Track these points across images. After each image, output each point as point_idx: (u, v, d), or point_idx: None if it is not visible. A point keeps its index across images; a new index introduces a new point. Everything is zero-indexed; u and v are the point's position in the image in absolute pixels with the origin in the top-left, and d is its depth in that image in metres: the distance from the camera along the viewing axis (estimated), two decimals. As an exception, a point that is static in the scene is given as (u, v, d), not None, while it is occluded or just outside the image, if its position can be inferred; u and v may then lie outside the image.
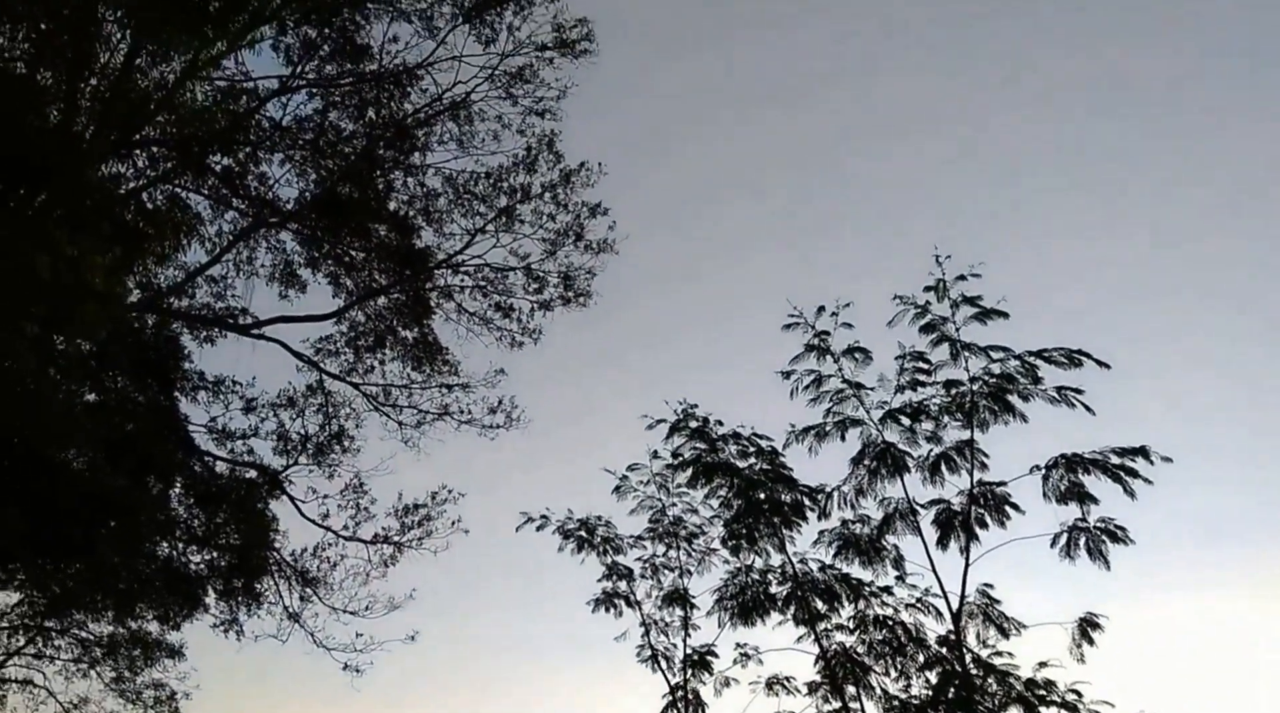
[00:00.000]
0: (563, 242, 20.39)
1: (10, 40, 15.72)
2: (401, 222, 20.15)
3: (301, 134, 18.69)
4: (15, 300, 9.63)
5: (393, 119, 18.99)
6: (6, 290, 9.50)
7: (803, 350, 11.85)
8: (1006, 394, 10.62)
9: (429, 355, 21.13)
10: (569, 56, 19.55)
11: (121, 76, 16.04)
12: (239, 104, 18.32)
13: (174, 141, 17.49)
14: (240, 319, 19.77)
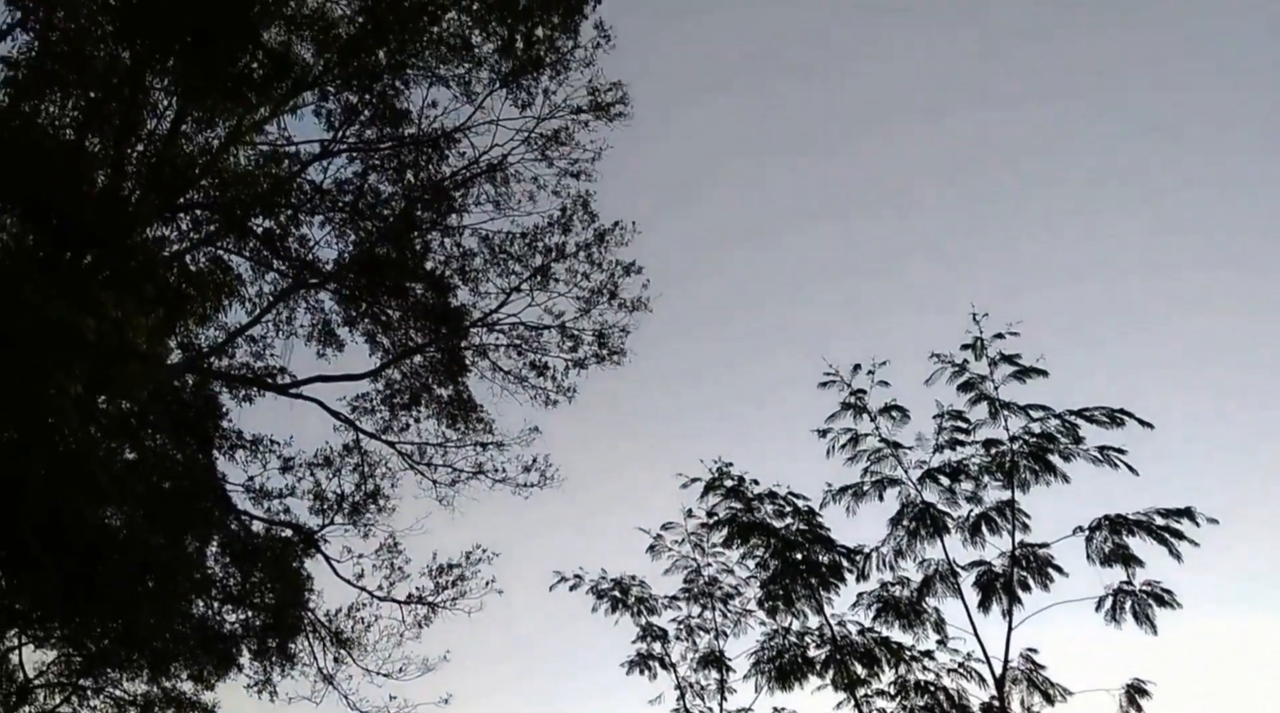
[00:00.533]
0: (597, 300, 20.52)
1: (60, 109, 16.19)
2: (438, 281, 20.38)
3: (341, 196, 19.04)
4: (61, 361, 9.78)
5: (431, 181, 19.30)
6: (52, 352, 9.66)
7: (839, 409, 11.77)
8: (1047, 454, 10.46)
9: (464, 413, 21.21)
10: (604, 119, 19.87)
11: (167, 143, 16.45)
12: (281, 168, 18.73)
13: (217, 205, 17.85)
14: (279, 378, 19.98)
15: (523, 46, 19.70)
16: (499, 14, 19.57)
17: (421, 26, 19.55)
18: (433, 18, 19.63)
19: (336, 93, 19.11)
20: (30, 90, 15.89)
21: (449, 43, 19.81)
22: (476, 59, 19.78)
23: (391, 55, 19.56)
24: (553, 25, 19.64)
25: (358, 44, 19.30)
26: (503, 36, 19.74)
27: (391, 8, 19.13)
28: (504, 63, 19.80)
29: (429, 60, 19.80)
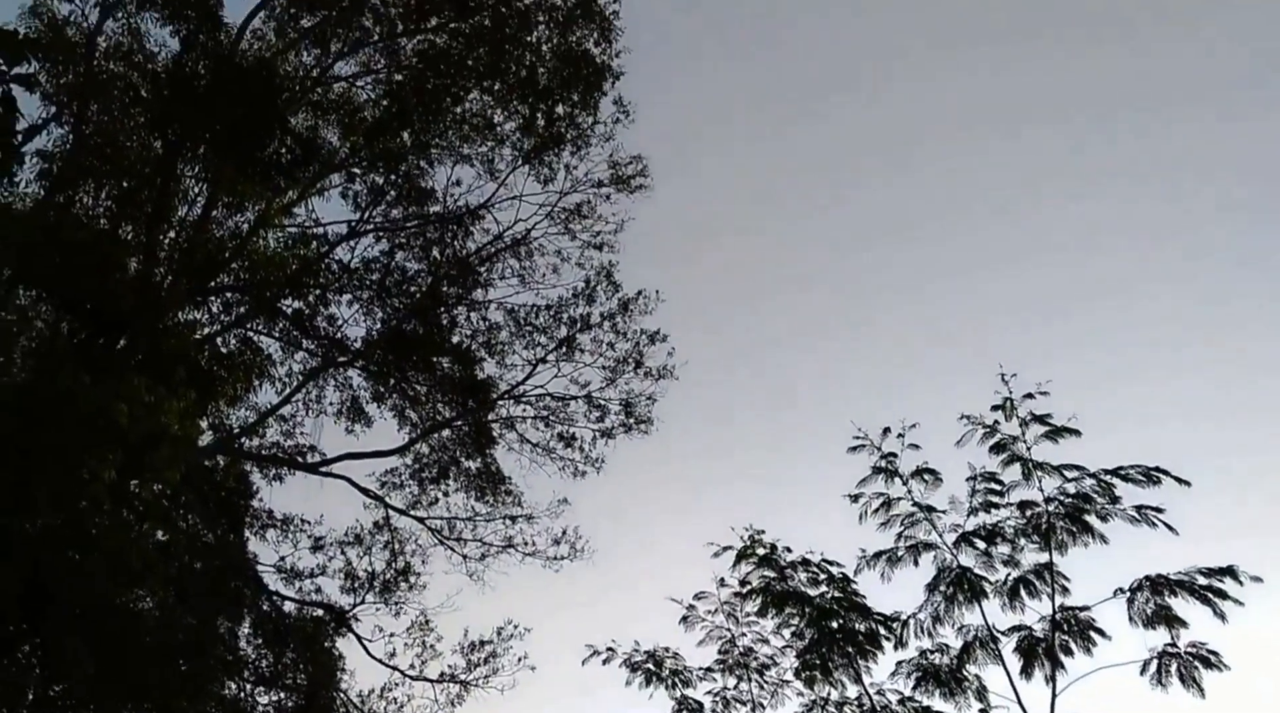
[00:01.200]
0: (623, 369, 20.59)
1: (94, 199, 16.61)
2: (464, 354, 20.53)
3: (369, 275, 19.32)
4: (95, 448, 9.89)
5: (456, 258, 19.58)
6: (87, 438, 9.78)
7: (870, 473, 11.64)
8: (1084, 515, 10.28)
9: (492, 486, 21.19)
10: (625, 192, 20.16)
11: (198, 228, 16.80)
12: (309, 249, 19.07)
13: (247, 287, 18.15)
14: (308, 457, 20.08)
15: (544, 124, 20.10)
16: (520, 93, 20.00)
17: (444, 107, 20.00)
18: (455, 98, 20.09)
19: (363, 174, 19.54)
20: (65, 182, 16.33)
21: (471, 122, 20.26)
22: (499, 137, 20.20)
23: (416, 136, 19.99)
24: (573, 103, 20.03)
25: (382, 126, 19.75)
26: (524, 114, 20.15)
27: (415, 90, 19.60)
28: (526, 140, 20.20)
29: (452, 140, 20.24)
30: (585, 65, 19.95)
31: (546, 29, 20.06)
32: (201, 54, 17.06)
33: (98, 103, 16.71)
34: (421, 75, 19.70)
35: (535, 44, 20.04)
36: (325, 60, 19.57)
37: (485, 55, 19.82)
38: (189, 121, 16.35)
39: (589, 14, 19.84)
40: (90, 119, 16.54)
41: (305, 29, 19.36)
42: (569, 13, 19.92)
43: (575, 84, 19.96)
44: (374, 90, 20.18)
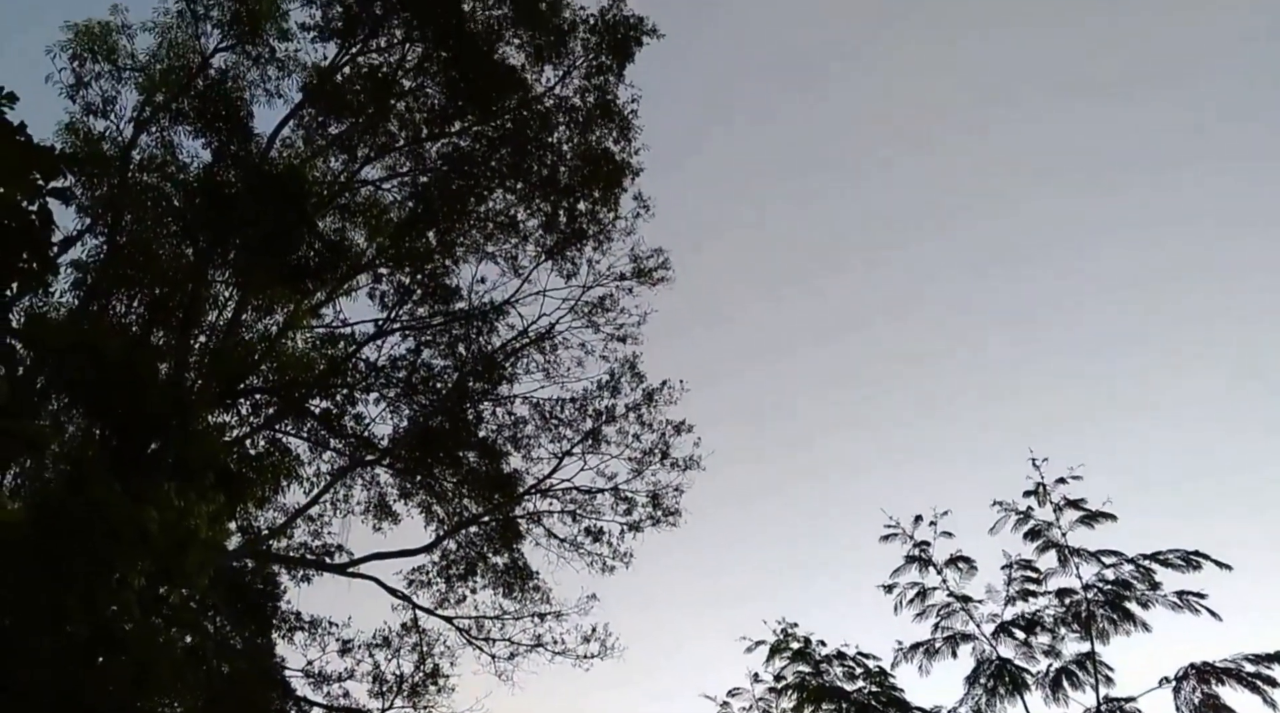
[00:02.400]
0: (649, 461, 20.54)
1: (127, 307, 16.96)
2: (491, 448, 20.56)
3: (395, 373, 19.50)
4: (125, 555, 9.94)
5: (481, 353, 19.76)
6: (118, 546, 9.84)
7: (903, 562, 11.49)
8: (1124, 602, 10.07)
9: (520, 581, 20.99)
10: (647, 284, 20.38)
11: (228, 332, 17.07)
12: (337, 349, 19.31)
13: (276, 388, 18.35)
14: (336, 557, 20.02)
15: (566, 220, 20.47)
16: (542, 191, 20.42)
17: (469, 207, 20.42)
18: (479, 198, 20.52)
19: (389, 274, 19.88)
20: (99, 291, 16.70)
21: (495, 220, 20.66)
22: (522, 234, 20.57)
23: (441, 235, 20.38)
24: (594, 199, 20.42)
25: (408, 226, 20.17)
26: (546, 212, 20.54)
27: (440, 191, 20.05)
28: (548, 236, 20.55)
29: (477, 238, 20.62)
30: (605, 163, 20.37)
31: (567, 129, 20.56)
32: (232, 163, 17.56)
33: (131, 213, 17.18)
34: (446, 177, 20.17)
35: (556, 143, 20.52)
36: (352, 165, 20.09)
37: (508, 156, 20.30)
38: (220, 229, 16.75)
39: (608, 114, 20.33)
40: (124, 229, 16.99)
41: (333, 136, 19.93)
42: (589, 113, 20.42)
43: (596, 181, 20.36)
44: (400, 192, 20.65)
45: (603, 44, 20.09)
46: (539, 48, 20.09)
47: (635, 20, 20.00)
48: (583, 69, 20.39)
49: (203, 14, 17.62)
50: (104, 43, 16.96)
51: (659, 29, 20.09)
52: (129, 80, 17.36)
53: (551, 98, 20.47)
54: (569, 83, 20.46)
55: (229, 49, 18.12)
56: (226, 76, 18.13)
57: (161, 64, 17.64)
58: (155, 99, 17.40)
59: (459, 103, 20.01)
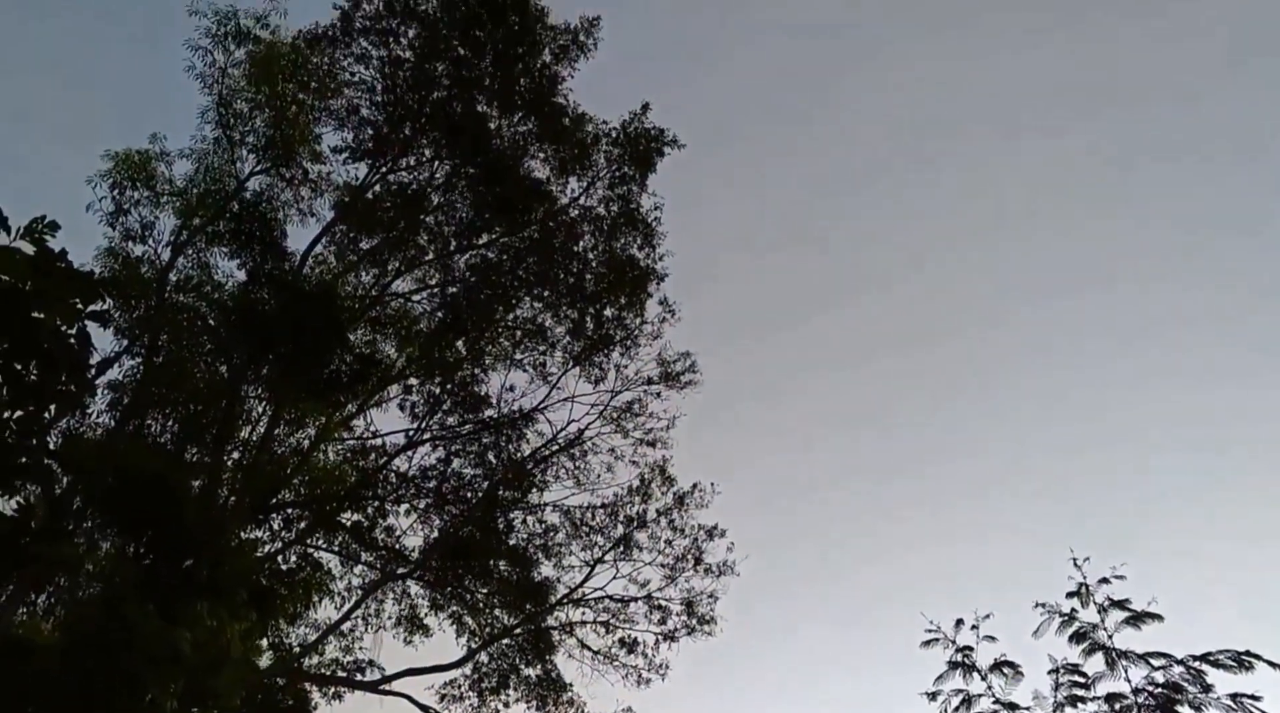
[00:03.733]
0: (682, 567, 20.35)
1: (162, 425, 17.24)
2: (521, 557, 20.45)
3: (426, 483, 19.58)
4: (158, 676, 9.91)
5: (511, 461, 19.82)
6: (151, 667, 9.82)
7: (946, 668, 11.23)
8: (1176, 706, 9.76)
9: (554, 694, 20.61)
10: (675, 388, 20.50)
11: (261, 447, 17.26)
12: (368, 460, 19.44)
13: (307, 502, 18.45)
14: (367, 673, 19.79)
15: (593, 326, 20.73)
16: (569, 298, 20.75)
17: (497, 316, 20.77)
18: (508, 306, 20.88)
19: (420, 385, 20.12)
20: (135, 410, 17.00)
21: (524, 328, 20.97)
22: (550, 341, 20.83)
23: (470, 344, 20.69)
24: (620, 305, 20.71)
25: (438, 337, 20.50)
26: (573, 319, 20.83)
27: (469, 301, 20.43)
28: (576, 342, 20.79)
29: (505, 346, 20.91)
30: (631, 269, 20.74)
31: (592, 237, 21.00)
32: (266, 281, 18.01)
33: (167, 334, 17.60)
34: (474, 287, 20.57)
35: (582, 252, 20.94)
36: (383, 279, 20.54)
37: (535, 265, 20.72)
38: (254, 346, 17.10)
39: (632, 222, 20.78)
40: (160, 349, 17.38)
41: (364, 251, 20.45)
42: (613, 221, 20.88)
43: (622, 287, 20.69)
44: (429, 303, 21.05)
45: (625, 155, 20.65)
46: (563, 161, 20.66)
47: (657, 132, 20.58)
48: (606, 179, 20.92)
49: (239, 140, 18.31)
50: (143, 170, 17.63)
51: (680, 139, 20.66)
52: (167, 205, 18.00)
53: (576, 208, 20.98)
54: (593, 193, 20.99)
55: (264, 172, 18.76)
56: (261, 198, 18.75)
57: (198, 188, 18.28)
58: (192, 223, 17.98)
59: (486, 215, 20.51)
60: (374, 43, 19.30)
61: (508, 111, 20.21)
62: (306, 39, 18.88)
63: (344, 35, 19.13)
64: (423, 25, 19.35)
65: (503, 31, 19.52)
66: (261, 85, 18.19)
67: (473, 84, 19.65)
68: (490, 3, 19.13)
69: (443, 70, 19.66)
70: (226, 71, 18.08)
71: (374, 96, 19.55)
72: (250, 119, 18.37)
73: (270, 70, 18.13)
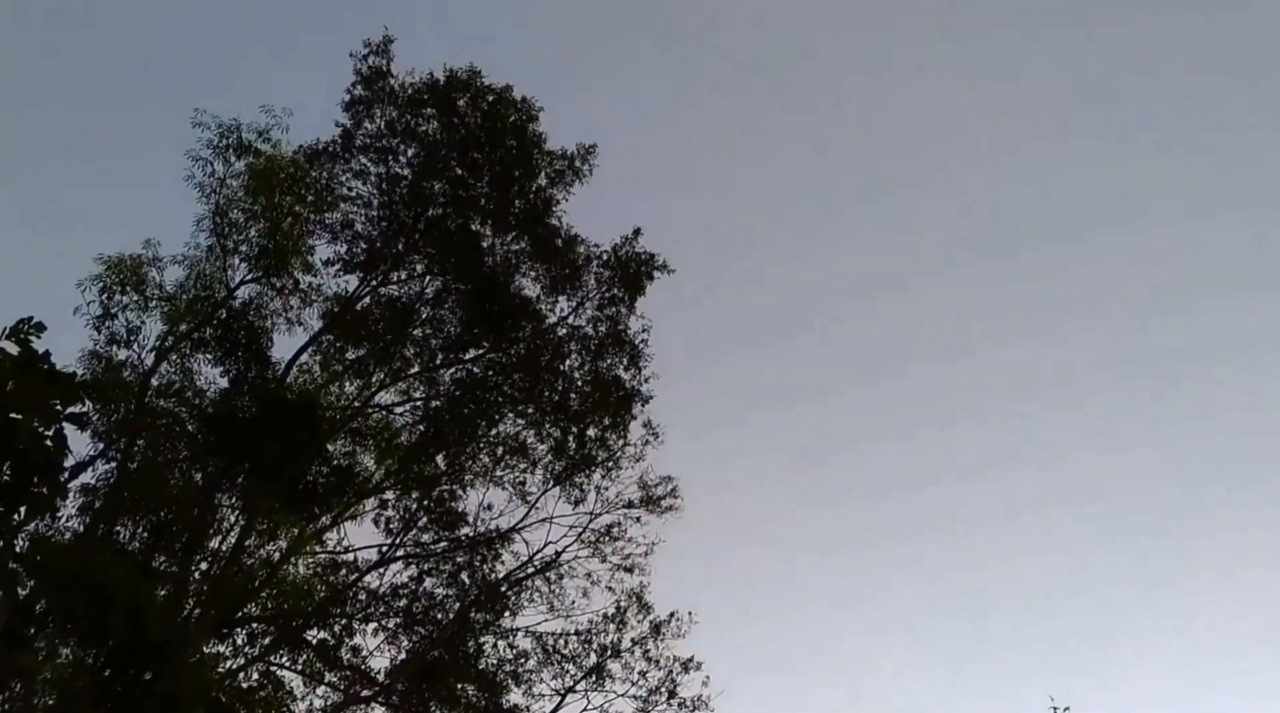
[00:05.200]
0: (656, 700, 20.14)
1: (132, 532, 17.32)
2: (491, 682, 20.23)
3: (396, 602, 19.52)
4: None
5: (485, 583, 19.83)
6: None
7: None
8: None
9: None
10: (656, 513, 20.66)
11: (231, 559, 17.32)
12: (338, 576, 19.43)
13: (274, 617, 18.38)
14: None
15: (575, 446, 20.99)
16: (553, 416, 21.08)
17: (479, 432, 21.04)
18: (490, 422, 21.17)
19: (397, 499, 20.23)
20: (106, 515, 17.09)
21: (506, 445, 21.21)
22: (532, 460, 21.04)
23: (450, 460, 20.89)
24: (604, 425, 21.04)
25: (418, 450, 20.72)
26: (556, 437, 21.11)
27: (452, 415, 20.72)
28: (557, 462, 21.01)
29: (486, 463, 21.12)
30: (616, 390, 21.13)
31: (579, 356, 21.45)
32: (248, 389, 18.31)
33: (145, 439, 17.79)
34: (459, 401, 20.89)
35: (568, 370, 21.37)
36: (367, 391, 20.85)
37: (520, 381, 21.11)
38: (231, 454, 17.30)
39: (619, 343, 21.27)
40: (135, 454, 17.55)
41: (350, 362, 20.81)
42: (601, 342, 21.37)
43: (606, 408, 21.04)
44: (412, 415, 21.31)
45: (615, 278, 21.26)
46: (554, 280, 21.25)
47: (647, 256, 21.23)
48: (595, 300, 21.49)
49: (232, 249, 18.83)
50: (134, 275, 18.06)
51: (669, 264, 21.29)
52: (155, 310, 18.36)
53: (564, 327, 21.49)
54: (582, 313, 21.51)
55: (255, 280, 19.24)
56: (250, 306, 19.18)
57: (188, 294, 18.70)
58: (178, 329, 18.35)
59: (475, 331, 20.96)
60: (373, 160, 20.06)
61: (502, 231, 20.87)
62: (307, 153, 19.60)
63: (344, 151, 19.89)
64: (422, 145, 20.13)
65: (501, 154, 20.31)
66: (259, 197, 18.80)
67: (469, 203, 20.35)
68: (490, 128, 19.97)
69: (440, 188, 20.37)
70: (225, 182, 18.71)
71: (370, 211, 20.22)
72: (245, 229, 18.93)
73: (269, 182, 18.76)
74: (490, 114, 20.20)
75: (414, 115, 20.11)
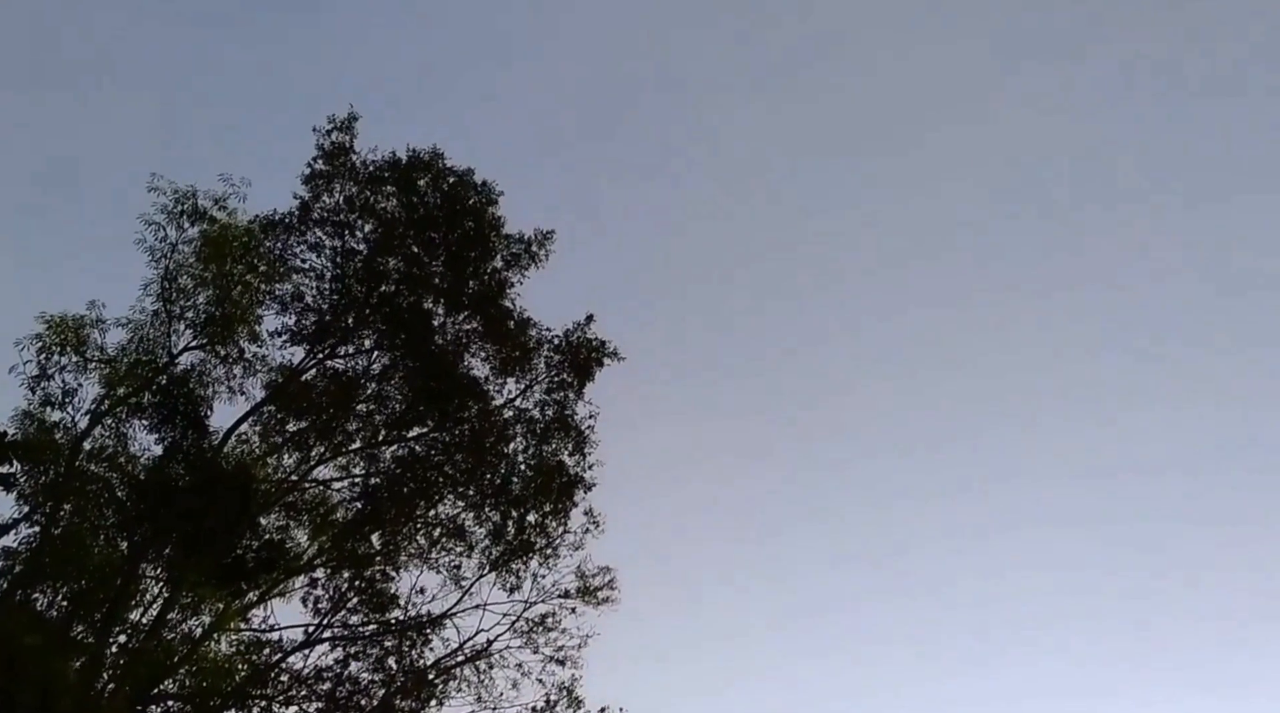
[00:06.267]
0: (585, 799, 19.89)
1: (52, 599, 17.04)
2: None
3: (319, 685, 19.21)
4: None
5: (412, 669, 19.59)
6: None
7: None
8: None
9: None
10: (592, 604, 20.63)
11: (150, 633, 17.06)
12: (261, 656, 19.12)
13: (191, 695, 18.04)
14: None
15: (514, 531, 21.00)
16: (494, 500, 21.11)
17: (418, 512, 21.00)
18: (430, 503, 21.14)
19: (328, 578, 20.04)
20: (25, 580, 16.81)
21: (444, 526, 21.16)
22: (469, 543, 20.98)
23: (386, 539, 20.78)
24: (545, 512, 21.10)
25: (354, 528, 20.59)
26: (495, 521, 21.11)
27: (390, 494, 20.68)
28: (495, 547, 20.97)
29: (422, 544, 21.04)
30: (559, 476, 21.26)
31: (524, 440, 21.61)
32: (183, 457, 18.23)
33: (72, 503, 17.58)
34: (399, 479, 20.86)
35: (512, 453, 21.47)
36: (305, 464, 20.78)
37: (463, 462, 21.13)
38: (160, 523, 17.16)
39: (566, 428, 21.47)
40: (61, 519, 17.32)
41: (290, 434, 20.76)
42: (547, 426, 21.57)
43: (548, 494, 21.13)
44: (350, 492, 21.21)
45: (565, 363, 21.54)
46: (504, 362, 21.46)
47: (598, 342, 21.56)
48: (544, 384, 21.73)
49: (178, 314, 18.87)
50: (75, 336, 17.98)
51: (620, 352, 21.61)
52: (94, 371, 18.26)
53: (511, 409, 21.65)
54: (530, 396, 21.72)
55: (199, 347, 19.26)
56: (192, 373, 19.17)
57: (129, 358, 18.63)
58: (116, 392, 18.26)
59: (420, 408, 21.06)
60: (329, 233, 20.30)
61: (454, 310, 21.11)
62: (262, 223, 19.80)
63: (300, 223, 20.11)
64: (380, 222, 20.43)
65: (458, 235, 20.67)
66: (210, 264, 18.92)
67: (423, 281, 20.60)
68: (449, 208, 20.34)
69: (395, 265, 20.64)
70: (177, 247, 18.83)
71: (322, 284, 20.38)
72: (193, 295, 18.99)
73: (221, 250, 18.91)
74: (450, 195, 20.58)
75: (374, 192, 20.43)
